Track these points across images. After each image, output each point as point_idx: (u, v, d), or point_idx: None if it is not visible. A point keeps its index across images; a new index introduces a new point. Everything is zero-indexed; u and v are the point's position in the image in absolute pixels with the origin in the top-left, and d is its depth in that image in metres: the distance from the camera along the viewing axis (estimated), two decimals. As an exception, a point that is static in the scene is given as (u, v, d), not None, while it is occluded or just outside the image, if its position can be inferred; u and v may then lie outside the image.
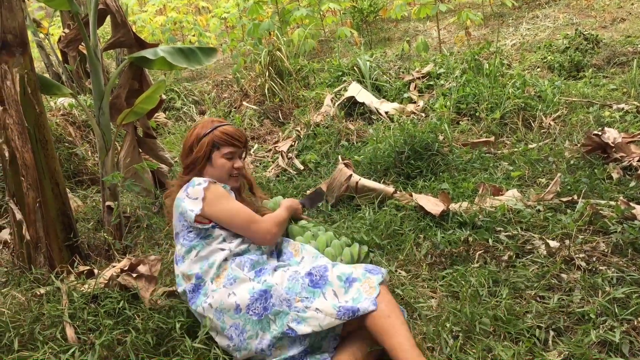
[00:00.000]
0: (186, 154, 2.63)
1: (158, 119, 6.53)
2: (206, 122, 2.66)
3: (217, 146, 2.59)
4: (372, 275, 2.20)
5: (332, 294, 2.16)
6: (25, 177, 3.02)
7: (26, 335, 2.50)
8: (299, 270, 2.29)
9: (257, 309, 2.20)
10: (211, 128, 2.60)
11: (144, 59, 3.49)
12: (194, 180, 2.48)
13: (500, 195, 3.47)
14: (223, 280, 2.32)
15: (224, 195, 2.46)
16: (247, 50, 8.17)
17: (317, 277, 2.22)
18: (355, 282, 2.18)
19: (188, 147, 2.62)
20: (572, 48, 6.52)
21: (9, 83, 2.99)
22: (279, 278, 2.26)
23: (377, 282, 2.16)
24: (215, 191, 2.45)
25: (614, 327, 2.24)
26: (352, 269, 2.24)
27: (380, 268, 2.28)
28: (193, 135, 2.62)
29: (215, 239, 2.42)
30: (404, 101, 5.77)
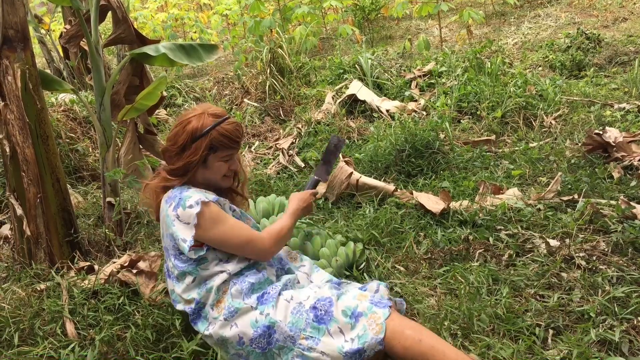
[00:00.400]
0: (176, 153, 2.26)
1: (159, 115, 6.52)
2: (200, 114, 2.25)
3: (215, 149, 2.26)
4: (379, 309, 2.06)
5: (338, 331, 2.06)
6: (26, 173, 3.02)
7: (26, 330, 2.51)
8: (303, 302, 2.15)
9: (260, 343, 2.12)
10: (209, 127, 2.22)
11: (145, 55, 3.48)
12: (185, 198, 2.17)
13: (501, 194, 3.47)
14: (224, 311, 2.17)
15: (218, 217, 2.19)
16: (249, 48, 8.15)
17: (321, 312, 2.09)
18: (361, 317, 2.06)
19: (179, 146, 2.24)
20: (574, 47, 6.51)
21: (10, 78, 2.99)
22: (283, 312, 2.13)
23: (383, 318, 2.03)
24: (209, 215, 2.17)
25: (613, 326, 2.24)
26: (357, 301, 2.10)
27: (387, 300, 2.14)
28: (186, 132, 2.22)
29: (211, 262, 2.23)
30: (405, 99, 5.77)
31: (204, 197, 2.18)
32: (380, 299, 2.13)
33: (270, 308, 2.13)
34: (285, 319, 2.11)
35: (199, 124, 2.22)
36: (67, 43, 3.70)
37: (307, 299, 2.16)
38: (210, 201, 2.20)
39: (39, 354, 2.31)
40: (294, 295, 2.19)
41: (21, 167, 3.02)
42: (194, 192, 2.21)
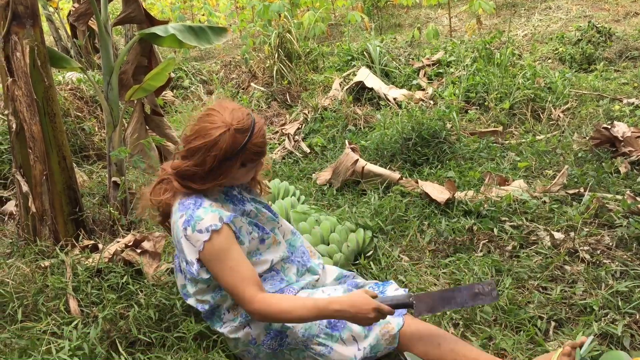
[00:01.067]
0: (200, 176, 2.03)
1: (165, 97, 6.51)
2: (225, 132, 1.96)
3: (245, 165, 2.06)
4: (393, 319, 2.06)
5: (352, 339, 2.06)
6: (32, 150, 3.02)
7: (30, 306, 2.52)
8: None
9: (272, 345, 2.12)
10: (239, 148, 1.98)
11: (154, 36, 3.47)
12: (196, 219, 1.98)
13: (507, 186, 3.47)
14: (239, 317, 2.13)
15: (222, 252, 1.97)
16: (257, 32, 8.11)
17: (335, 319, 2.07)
18: (375, 325, 2.05)
19: (206, 169, 2.00)
20: (584, 40, 6.46)
21: (18, 54, 2.98)
22: None
23: (397, 329, 2.03)
24: (216, 247, 1.96)
25: (616, 320, 2.25)
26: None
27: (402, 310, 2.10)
28: (213, 155, 1.97)
29: None
30: (413, 88, 5.75)
31: (216, 222, 1.97)
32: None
33: None
34: (299, 325, 2.08)
35: (227, 145, 1.96)
36: (76, 21, 3.68)
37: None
38: (223, 226, 1.98)
39: (42, 330, 2.33)
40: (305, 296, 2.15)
41: (28, 143, 3.02)
42: (208, 210, 2.00)
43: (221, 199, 2.15)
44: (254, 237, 2.15)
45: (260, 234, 2.19)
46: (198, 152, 1.99)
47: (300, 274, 2.31)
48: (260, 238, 2.18)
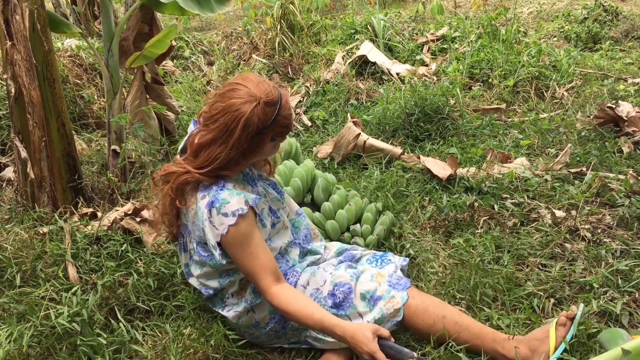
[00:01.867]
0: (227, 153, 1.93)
1: (166, 66, 6.43)
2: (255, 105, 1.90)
3: (274, 139, 2.02)
4: (397, 293, 2.06)
5: (357, 315, 2.06)
6: (31, 115, 2.98)
7: (28, 271, 2.52)
8: (320, 287, 2.10)
9: (275, 328, 2.12)
10: (273, 115, 1.92)
11: (156, 2, 3.41)
12: (221, 201, 1.92)
13: (509, 163, 3.45)
14: (244, 303, 2.11)
15: (246, 239, 1.94)
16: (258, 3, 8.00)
17: (340, 298, 2.07)
18: (380, 300, 2.05)
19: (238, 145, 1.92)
20: (591, 19, 6.38)
21: (18, 18, 2.92)
22: None
23: (402, 302, 2.03)
24: (240, 232, 1.92)
25: (615, 299, 2.25)
26: (375, 283, 2.08)
27: (407, 280, 2.14)
28: (243, 128, 1.89)
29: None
30: (416, 63, 5.69)
31: (243, 206, 1.92)
32: (398, 279, 2.13)
33: None
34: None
35: (259, 119, 1.89)
36: (77, -15, 3.61)
37: (324, 283, 2.11)
38: (249, 210, 1.94)
39: (40, 296, 2.32)
40: (310, 280, 2.13)
41: (27, 109, 2.98)
42: (233, 193, 1.95)
43: (240, 179, 2.10)
44: (268, 222, 2.13)
45: (273, 218, 2.16)
46: (229, 130, 1.90)
47: (302, 255, 2.29)
48: (272, 222, 2.16)
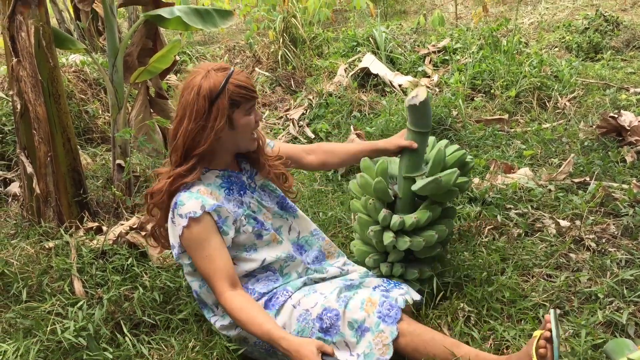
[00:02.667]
0: (200, 127, 1.96)
1: (169, 80, 6.48)
2: (206, 73, 1.98)
3: (237, 104, 2.00)
4: (386, 327, 1.96)
5: (344, 344, 1.99)
6: (37, 131, 3.01)
7: (34, 286, 2.53)
8: (310, 309, 2.04)
9: (264, 345, 2.08)
10: (223, 82, 1.96)
11: (160, 18, 3.44)
12: (179, 203, 1.97)
13: (512, 173, 3.45)
14: (228, 315, 2.07)
15: (199, 241, 1.97)
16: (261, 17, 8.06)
17: (327, 324, 2.00)
18: (368, 332, 1.97)
19: (201, 114, 1.95)
20: (592, 29, 6.41)
21: (23, 35, 2.96)
22: (287, 318, 2.05)
23: (391, 338, 1.94)
24: (193, 235, 1.96)
25: (620, 309, 2.24)
26: (364, 313, 1.99)
27: (397, 310, 2.01)
28: (201, 96, 1.95)
29: None
30: (418, 75, 5.72)
31: (197, 210, 1.95)
32: (389, 310, 2.00)
33: (273, 315, 2.05)
34: (291, 326, 2.04)
35: (211, 83, 1.95)
36: (82, 2, 3.65)
37: (314, 306, 2.05)
38: (202, 215, 1.95)
39: (46, 310, 2.33)
40: (302, 300, 2.08)
41: (32, 124, 3.00)
42: (192, 196, 1.98)
43: (216, 184, 2.10)
44: (248, 231, 2.09)
45: (258, 228, 2.13)
46: (188, 104, 1.97)
47: (304, 272, 2.26)
48: (257, 233, 2.13)
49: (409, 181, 2.32)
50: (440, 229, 2.32)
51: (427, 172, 2.31)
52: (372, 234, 2.33)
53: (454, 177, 2.24)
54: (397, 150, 2.36)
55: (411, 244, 2.27)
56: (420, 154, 2.32)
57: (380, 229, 2.33)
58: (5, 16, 2.95)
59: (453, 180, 2.24)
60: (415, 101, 2.20)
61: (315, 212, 3.33)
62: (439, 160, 2.29)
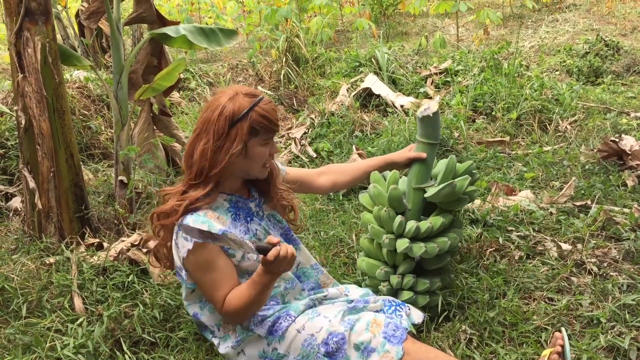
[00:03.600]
0: (217, 146, 1.94)
1: (172, 98, 6.52)
2: (233, 96, 1.96)
3: (256, 133, 1.98)
4: (392, 347, 1.93)
5: None
6: (40, 146, 3.02)
7: (34, 302, 2.52)
8: (315, 334, 2.01)
9: None
10: (247, 108, 1.94)
11: (165, 36, 3.47)
12: (186, 223, 1.92)
13: (513, 195, 3.46)
14: (231, 339, 2.08)
15: (205, 266, 1.95)
16: (264, 36, 8.14)
17: (333, 348, 1.97)
18: (374, 353, 1.94)
19: (219, 135, 1.93)
20: (592, 53, 6.47)
21: (30, 51, 2.98)
22: (292, 344, 2.03)
23: (396, 358, 1.92)
24: (198, 259, 1.94)
25: (622, 333, 2.23)
26: (370, 335, 1.97)
27: (403, 331, 2.00)
28: (223, 116, 1.93)
29: None
30: (420, 96, 5.75)
31: (199, 239, 1.84)
32: (394, 330, 1.99)
33: (277, 342, 2.04)
34: (295, 351, 2.02)
35: (235, 106, 1.94)
36: (88, 19, 3.68)
37: (319, 330, 2.03)
38: (206, 243, 1.89)
39: (46, 327, 2.32)
40: (306, 325, 2.05)
41: (36, 140, 3.02)
42: (198, 220, 1.94)
43: (223, 208, 2.07)
44: (252, 258, 2.06)
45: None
46: (209, 121, 1.95)
47: (301, 297, 2.24)
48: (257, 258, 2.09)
49: (418, 192, 2.36)
50: (452, 237, 2.36)
51: (437, 182, 2.35)
52: (387, 241, 2.34)
53: (466, 183, 2.30)
54: (406, 163, 2.40)
55: (426, 250, 2.29)
56: (429, 165, 2.37)
57: (394, 237, 2.35)
58: (12, 32, 2.98)
59: (466, 186, 2.30)
60: (429, 112, 2.26)
61: (316, 231, 3.33)
62: (451, 169, 2.34)
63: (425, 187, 2.35)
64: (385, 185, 2.45)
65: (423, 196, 2.36)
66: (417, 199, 2.36)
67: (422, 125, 2.32)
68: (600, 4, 9.73)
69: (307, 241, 3.16)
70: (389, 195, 2.35)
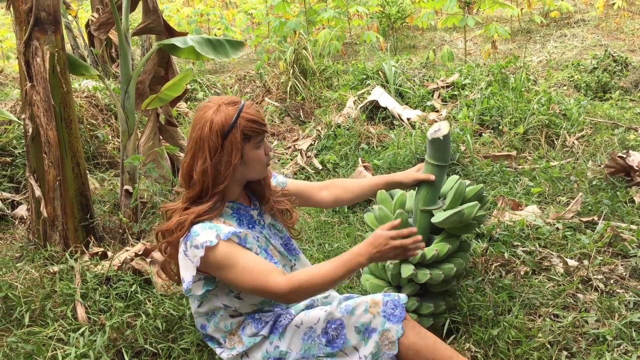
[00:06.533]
0: (212, 164, 1.94)
1: (179, 108, 6.54)
2: (217, 108, 1.98)
3: (248, 138, 2.00)
4: (392, 326, 1.94)
5: (352, 349, 1.97)
6: (47, 155, 3.03)
7: (37, 311, 2.52)
8: (313, 326, 2.01)
9: None
10: (234, 116, 1.96)
11: (173, 47, 3.49)
12: (193, 234, 1.91)
13: (520, 210, 3.44)
14: (237, 346, 2.05)
15: (225, 261, 1.90)
16: (272, 47, 8.17)
17: (333, 336, 1.98)
18: (374, 333, 1.95)
19: (214, 151, 1.94)
20: (600, 69, 6.45)
21: (39, 60, 3.00)
22: (292, 340, 2.02)
23: (396, 336, 1.92)
24: (214, 260, 1.89)
25: (629, 351, 2.21)
26: (370, 316, 1.96)
27: (402, 309, 1.98)
28: (213, 131, 1.94)
29: (221, 290, 2.03)
30: (427, 109, 5.74)
31: (212, 239, 1.88)
32: (393, 309, 1.99)
33: (278, 339, 2.03)
34: (297, 346, 2.02)
35: (222, 117, 1.95)
36: (97, 30, 3.71)
37: (317, 322, 2.03)
38: (219, 243, 1.89)
39: (48, 335, 2.32)
40: (304, 320, 2.05)
41: (43, 148, 3.03)
42: (205, 227, 1.93)
43: (227, 214, 2.08)
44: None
45: (269, 260, 2.09)
46: (201, 139, 1.95)
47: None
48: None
49: (426, 214, 2.32)
50: (458, 262, 2.33)
51: (445, 205, 2.31)
52: (392, 267, 2.33)
53: (475, 210, 2.26)
54: (413, 184, 2.37)
55: (431, 277, 2.26)
56: (437, 188, 2.33)
57: (399, 262, 2.32)
58: (21, 41, 3.01)
59: (474, 212, 2.26)
60: (439, 134, 2.23)
61: (321, 243, 3.32)
62: (460, 194, 2.30)
63: (433, 210, 2.31)
64: (391, 206, 2.42)
65: (430, 219, 2.33)
66: (425, 221, 2.33)
67: (432, 147, 2.27)
68: (608, 20, 9.72)
69: (311, 253, 3.15)
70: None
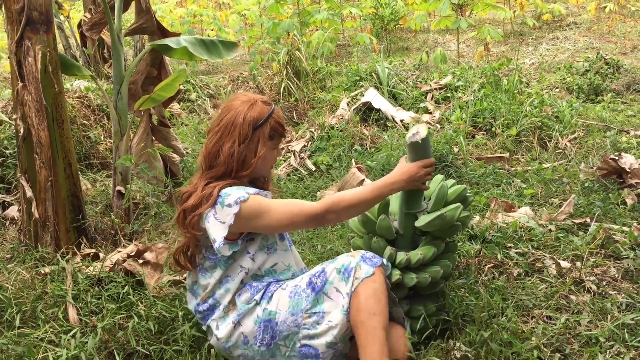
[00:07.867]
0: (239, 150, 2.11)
1: (172, 109, 6.52)
2: (253, 103, 2.15)
3: (272, 138, 2.18)
4: (364, 265, 2.05)
5: (335, 290, 2.05)
6: (39, 155, 3.01)
7: (28, 312, 2.50)
8: (298, 284, 2.12)
9: (264, 339, 2.09)
10: (267, 114, 2.15)
11: (166, 47, 3.48)
12: (224, 196, 2.05)
13: (513, 212, 3.45)
14: (233, 314, 2.12)
15: (260, 208, 2.06)
16: (265, 49, 8.17)
17: (317, 282, 2.08)
18: (352, 271, 2.05)
19: (244, 138, 2.10)
20: (592, 71, 6.49)
21: (30, 60, 2.98)
22: (280, 300, 2.09)
23: (363, 275, 2.02)
24: (249, 211, 2.04)
25: (621, 353, 2.21)
26: (350, 258, 2.09)
27: (380, 259, 2.10)
28: (246, 122, 2.11)
29: (241, 253, 2.14)
30: (420, 111, 5.75)
31: (243, 194, 2.04)
32: (372, 257, 2.10)
33: (267, 303, 2.10)
34: (284, 305, 2.08)
35: (257, 112, 2.13)
36: (89, 30, 3.69)
37: (301, 280, 2.13)
38: (250, 196, 2.04)
39: (39, 337, 2.30)
40: (289, 283, 2.15)
41: (34, 149, 3.01)
42: (232, 188, 2.08)
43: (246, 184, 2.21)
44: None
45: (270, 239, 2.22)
46: (233, 125, 2.11)
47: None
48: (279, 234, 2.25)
49: (410, 217, 2.33)
50: (444, 264, 2.33)
51: (428, 208, 2.32)
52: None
53: (457, 213, 2.26)
54: None
55: (418, 281, 2.26)
56: (420, 190, 2.32)
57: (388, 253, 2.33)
58: (13, 41, 2.99)
59: (457, 215, 2.26)
60: (417, 138, 2.19)
61: (313, 244, 3.32)
62: (442, 196, 2.31)
63: (417, 213, 2.32)
64: (374, 210, 2.42)
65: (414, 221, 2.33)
66: (409, 224, 2.34)
67: (412, 151, 2.22)
68: (600, 23, 9.78)
69: (304, 255, 3.14)
70: (378, 226, 2.34)
